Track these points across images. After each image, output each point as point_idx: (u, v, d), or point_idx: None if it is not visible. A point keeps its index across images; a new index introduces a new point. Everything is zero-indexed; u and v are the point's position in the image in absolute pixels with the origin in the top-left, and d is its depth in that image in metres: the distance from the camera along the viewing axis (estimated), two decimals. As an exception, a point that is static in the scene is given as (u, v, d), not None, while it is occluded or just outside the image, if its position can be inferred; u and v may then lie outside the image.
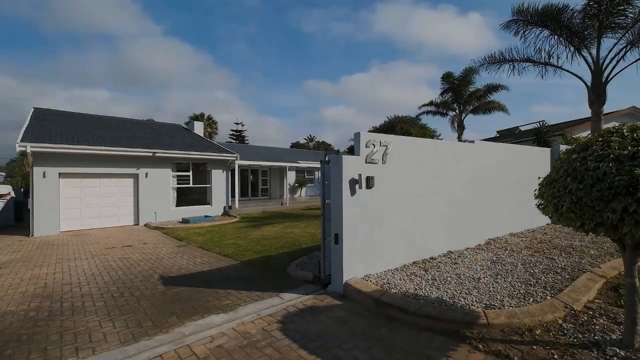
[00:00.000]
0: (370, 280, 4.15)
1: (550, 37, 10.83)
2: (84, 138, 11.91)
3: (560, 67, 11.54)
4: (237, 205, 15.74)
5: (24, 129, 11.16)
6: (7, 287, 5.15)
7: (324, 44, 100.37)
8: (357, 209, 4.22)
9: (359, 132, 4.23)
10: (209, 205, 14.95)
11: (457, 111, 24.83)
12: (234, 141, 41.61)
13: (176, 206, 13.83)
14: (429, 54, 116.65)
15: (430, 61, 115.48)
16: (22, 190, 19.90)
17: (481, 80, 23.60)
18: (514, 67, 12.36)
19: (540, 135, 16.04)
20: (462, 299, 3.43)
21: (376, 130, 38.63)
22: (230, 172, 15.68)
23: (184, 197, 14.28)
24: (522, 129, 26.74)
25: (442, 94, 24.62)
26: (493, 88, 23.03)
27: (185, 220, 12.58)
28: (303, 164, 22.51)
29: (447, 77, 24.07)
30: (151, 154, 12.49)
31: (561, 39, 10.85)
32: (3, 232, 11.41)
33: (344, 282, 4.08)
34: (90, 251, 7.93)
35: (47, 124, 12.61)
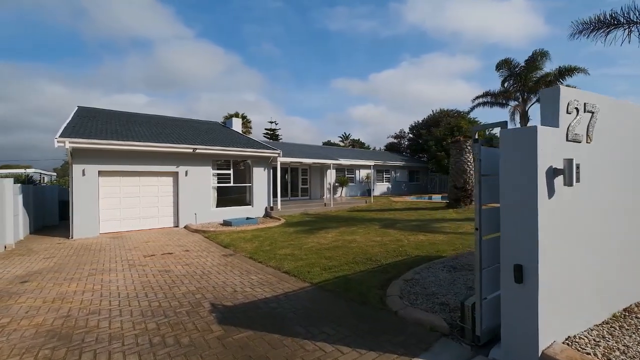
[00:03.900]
0: (588, 351, 2.30)
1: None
2: (124, 134, 11.13)
3: None
4: (279, 206, 14.39)
5: (64, 125, 10.54)
6: (23, 314, 3.95)
7: (351, 42, 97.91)
8: (558, 220, 2.39)
9: (558, 87, 2.41)
10: (250, 206, 13.71)
11: (520, 100, 21.70)
12: (270, 140, 40.88)
13: (216, 207, 12.73)
14: (466, 44, 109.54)
15: (467, 52, 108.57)
16: (68, 189, 20.25)
17: (549, 64, 20.23)
18: (630, 30, 9.67)
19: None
20: None
21: (418, 126, 35.83)
22: (271, 171, 14.36)
23: (224, 197, 13.18)
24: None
25: (503, 82, 21.65)
26: (566, 71, 19.68)
27: (226, 223, 11.38)
28: (345, 162, 20.80)
29: (504, 64, 21.11)
30: (191, 150, 11.44)
31: None
32: (47, 232, 10.92)
33: (539, 352, 2.27)
34: (128, 259, 6.79)
35: (88, 121, 12.05)
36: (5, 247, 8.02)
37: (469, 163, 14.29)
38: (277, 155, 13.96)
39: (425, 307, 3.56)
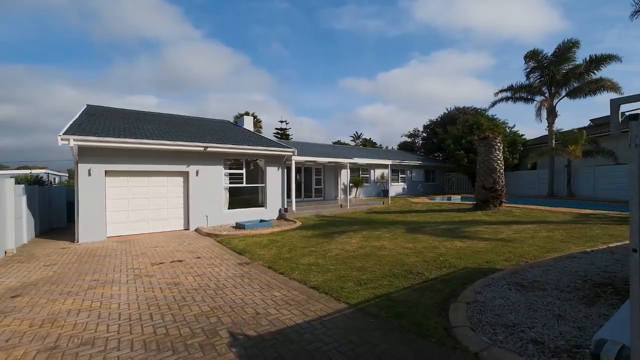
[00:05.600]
0: None
1: None
2: (132, 132, 10.52)
3: None
4: (294, 208, 13.59)
5: (70, 122, 9.99)
6: (3, 342, 3.23)
7: (358, 41, 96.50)
8: None
9: None
10: (263, 208, 12.97)
11: (547, 95, 20.33)
12: (280, 139, 40.26)
13: (228, 208, 12.02)
14: (478, 40, 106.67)
15: (478, 49, 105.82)
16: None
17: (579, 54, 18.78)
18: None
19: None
20: None
21: (433, 124, 34.63)
22: (285, 170, 13.59)
23: (236, 198, 12.44)
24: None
25: (528, 74, 20.33)
26: (599, 61, 18.20)
27: (239, 226, 10.65)
28: (361, 161, 19.87)
29: (533, 56, 19.74)
30: (202, 149, 10.77)
31: None
32: (53, 234, 10.43)
33: None
34: (134, 268, 6.09)
35: (95, 119, 11.51)
36: (5, 252, 7.45)
37: (499, 161, 13.20)
38: (292, 153, 13.17)
39: (514, 347, 2.67)
